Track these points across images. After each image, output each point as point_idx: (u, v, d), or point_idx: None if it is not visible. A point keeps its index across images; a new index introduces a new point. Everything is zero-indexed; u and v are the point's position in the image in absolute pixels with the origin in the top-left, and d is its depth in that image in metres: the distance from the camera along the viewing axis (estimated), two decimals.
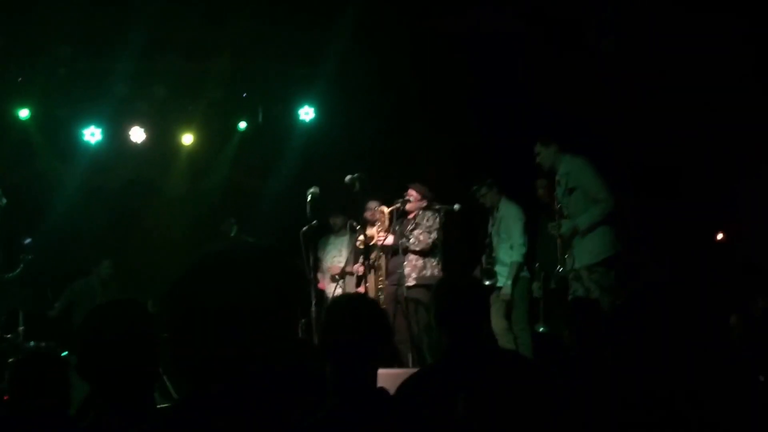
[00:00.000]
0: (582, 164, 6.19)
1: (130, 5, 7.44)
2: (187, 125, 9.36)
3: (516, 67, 7.54)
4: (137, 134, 9.10)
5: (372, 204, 7.43)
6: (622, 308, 5.68)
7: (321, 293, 7.85)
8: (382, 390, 2.47)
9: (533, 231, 7.12)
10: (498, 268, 7.03)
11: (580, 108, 7.19)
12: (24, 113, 8.47)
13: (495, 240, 7.12)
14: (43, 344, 6.69)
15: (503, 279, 6.97)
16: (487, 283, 6.82)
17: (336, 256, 8.09)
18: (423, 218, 7.21)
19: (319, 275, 8.02)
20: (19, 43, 8.03)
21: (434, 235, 7.12)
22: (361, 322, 2.46)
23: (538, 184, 7.08)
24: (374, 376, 2.48)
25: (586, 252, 6.05)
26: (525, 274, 7.05)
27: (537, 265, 7.13)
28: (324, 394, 2.43)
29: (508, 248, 7.01)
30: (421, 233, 7.13)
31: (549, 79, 7.24)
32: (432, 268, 7.14)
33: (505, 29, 7.41)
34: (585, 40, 7.02)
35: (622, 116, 7.16)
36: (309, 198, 6.94)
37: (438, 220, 7.13)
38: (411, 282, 7.03)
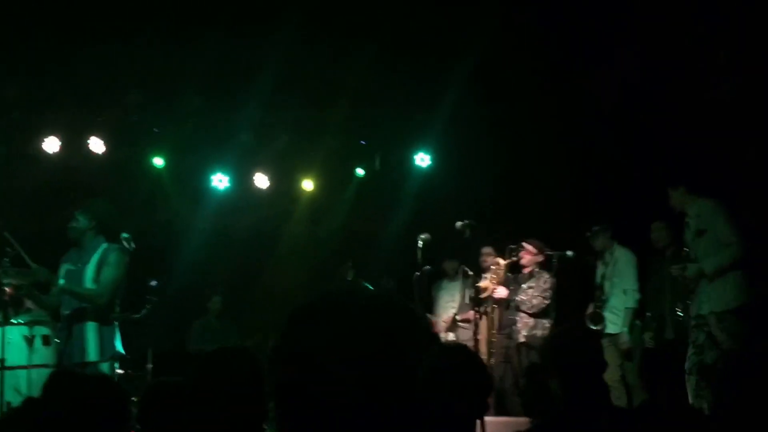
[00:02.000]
0: (714, 206, 5.95)
1: (254, 59, 7.78)
2: (307, 172, 9.66)
3: (634, 112, 7.36)
4: (261, 181, 9.47)
5: (486, 250, 7.46)
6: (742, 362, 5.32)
7: (434, 337, 7.85)
8: None
9: (642, 278, 6.90)
10: (608, 314, 6.88)
11: (705, 152, 6.91)
12: (159, 161, 8.96)
13: (607, 285, 6.98)
14: (168, 381, 6.96)
15: (614, 326, 6.82)
16: (593, 328, 6.64)
17: (449, 302, 8.11)
18: (539, 279, 7.17)
19: (433, 320, 8.03)
20: (155, 96, 8.54)
21: (548, 299, 7.07)
22: (460, 373, 2.46)
23: (653, 227, 6.86)
24: (472, 428, 2.45)
25: (715, 298, 5.75)
26: (637, 322, 6.85)
27: (648, 314, 6.87)
28: None
29: (621, 293, 6.86)
30: (535, 295, 7.10)
31: (668, 124, 7.02)
32: (543, 329, 7.06)
33: (623, 76, 7.25)
34: (703, 85, 6.78)
35: (751, 160, 6.83)
36: (420, 244, 7.00)
37: (551, 279, 7.06)
38: (521, 339, 7.05)
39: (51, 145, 8.21)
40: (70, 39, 7.17)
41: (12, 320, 5.94)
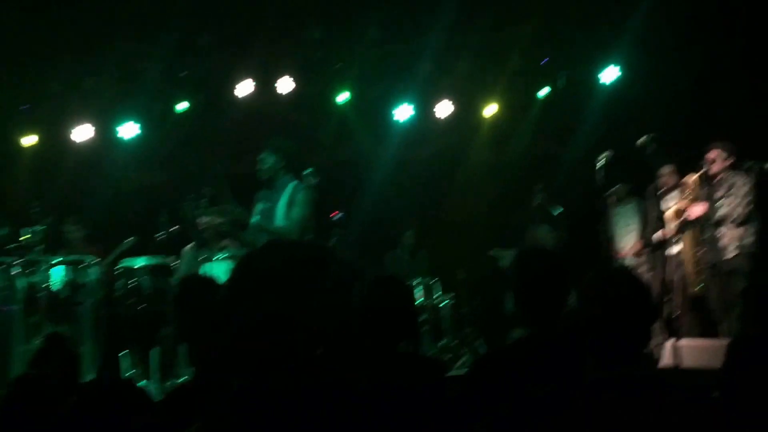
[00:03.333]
0: None
1: None
2: (490, 96, 9.47)
3: None
4: (444, 108, 9.43)
5: (666, 169, 6.96)
6: None
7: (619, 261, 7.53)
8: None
9: None
10: None
11: None
12: (343, 97, 9.13)
13: None
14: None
15: None
16: None
17: (625, 227, 7.67)
18: (735, 185, 6.63)
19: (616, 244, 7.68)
20: (336, 31, 8.69)
21: (750, 204, 6.55)
22: (622, 299, 2.31)
23: None
24: (638, 356, 2.32)
25: None
26: None
27: None
28: None
29: None
30: (735, 204, 6.60)
31: None
32: (751, 235, 6.61)
33: None
34: None
35: None
36: (602, 163, 6.71)
37: (751, 182, 6.51)
38: (731, 253, 6.60)
39: (244, 88, 8.55)
40: None
41: (214, 256, 6.39)
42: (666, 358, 5.65)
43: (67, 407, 2.27)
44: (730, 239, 6.62)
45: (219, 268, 6.27)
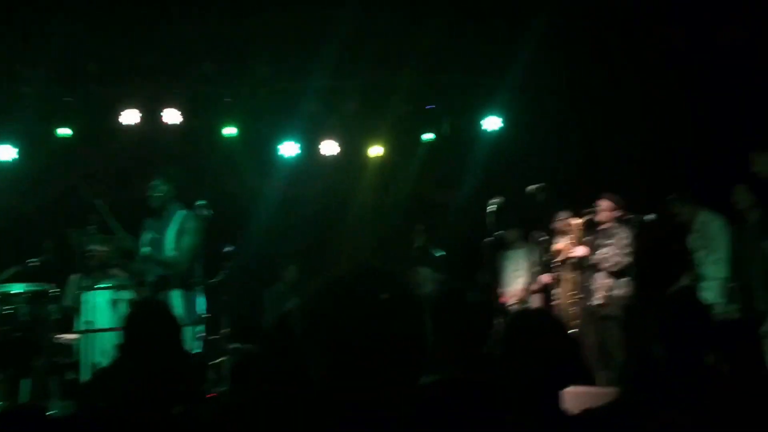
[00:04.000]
0: None
1: (321, 26, 7.82)
2: (375, 138, 9.69)
3: (716, 73, 7.03)
4: (329, 147, 9.55)
5: (563, 215, 7.27)
6: None
7: (502, 307, 7.78)
8: (565, 413, 2.39)
9: None
10: (704, 285, 6.43)
11: None
12: (231, 131, 9.10)
13: (697, 255, 6.59)
14: (246, 347, 7.17)
15: (708, 296, 6.17)
16: None
17: (515, 271, 7.95)
18: (617, 235, 6.95)
19: (502, 289, 7.93)
20: (227, 66, 8.68)
21: (628, 256, 6.86)
22: (544, 341, 2.39)
23: (735, 190, 6.25)
24: (557, 399, 2.38)
25: None
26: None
27: (732, 285, 6.36)
28: None
29: (714, 263, 6.46)
30: (614, 253, 6.89)
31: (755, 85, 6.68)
32: (622, 287, 6.89)
33: (705, 34, 6.98)
34: None
35: None
36: (493, 208, 6.95)
37: (632, 235, 6.85)
38: (598, 301, 6.87)
39: (129, 117, 8.41)
40: (144, 16, 7.33)
41: (98, 285, 6.19)
42: None
43: None
44: (601, 285, 6.88)
45: (102, 297, 6.10)
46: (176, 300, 5.88)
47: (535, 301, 7.57)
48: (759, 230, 5.92)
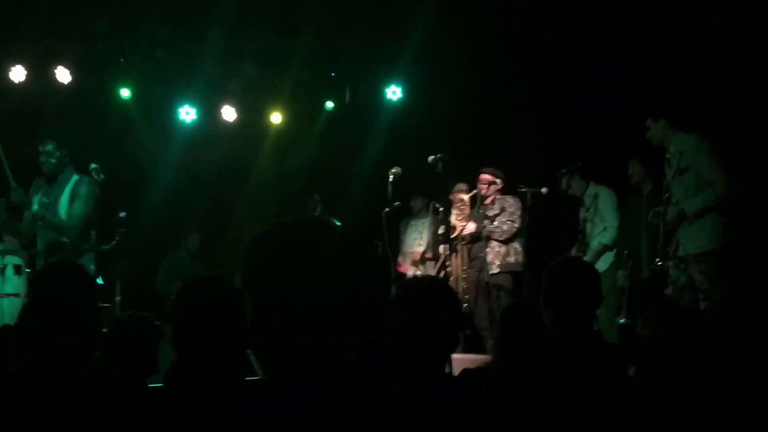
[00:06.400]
0: (697, 142, 5.40)
1: None
2: (275, 104, 9.54)
3: (612, 41, 7.09)
4: (229, 113, 9.37)
5: (461, 186, 7.34)
6: (723, 306, 5.14)
7: (401, 276, 7.86)
8: (451, 377, 2.46)
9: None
10: (593, 254, 6.65)
11: (692, 85, 6.42)
12: (125, 93, 8.77)
13: (588, 227, 6.78)
14: (138, 314, 6.98)
15: (599, 265, 6.42)
16: None
17: (417, 239, 7.97)
18: (504, 203, 7.11)
19: (400, 258, 7.97)
20: (121, 25, 8.35)
21: (518, 222, 7.03)
22: (432, 306, 2.38)
23: (630, 163, 6.52)
24: (443, 363, 2.42)
25: (693, 239, 5.35)
26: (612, 260, 6.64)
27: (625, 252, 6.44)
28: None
29: (602, 233, 6.67)
30: (504, 221, 7.06)
31: (649, 53, 6.73)
32: (516, 254, 7.08)
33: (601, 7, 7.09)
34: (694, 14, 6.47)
35: (741, 94, 6.49)
36: (391, 178, 6.97)
37: (522, 205, 7.00)
38: (494, 269, 7.02)
39: (17, 74, 8.04)
40: None
41: None
42: None
43: None
44: (495, 256, 7.04)
45: None
46: None
47: (430, 270, 7.67)
48: (650, 202, 6.09)
